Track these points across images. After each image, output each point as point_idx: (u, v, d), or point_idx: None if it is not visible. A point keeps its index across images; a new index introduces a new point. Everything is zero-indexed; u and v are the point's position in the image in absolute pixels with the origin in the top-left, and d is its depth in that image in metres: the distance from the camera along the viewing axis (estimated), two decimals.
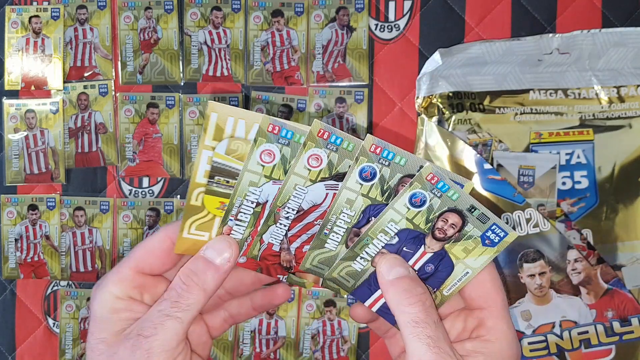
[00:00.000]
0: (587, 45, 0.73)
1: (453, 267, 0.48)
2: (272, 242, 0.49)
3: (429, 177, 0.46)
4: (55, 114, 0.77)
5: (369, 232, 0.47)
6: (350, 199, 0.47)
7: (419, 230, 0.47)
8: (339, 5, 0.76)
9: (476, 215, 0.46)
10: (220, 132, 0.46)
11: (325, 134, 0.46)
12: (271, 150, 0.46)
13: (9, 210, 0.78)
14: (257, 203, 0.47)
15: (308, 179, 0.47)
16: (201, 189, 0.47)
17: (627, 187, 0.72)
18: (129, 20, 0.77)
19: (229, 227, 0.48)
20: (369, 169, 0.46)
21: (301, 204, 0.48)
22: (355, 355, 0.76)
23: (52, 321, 0.78)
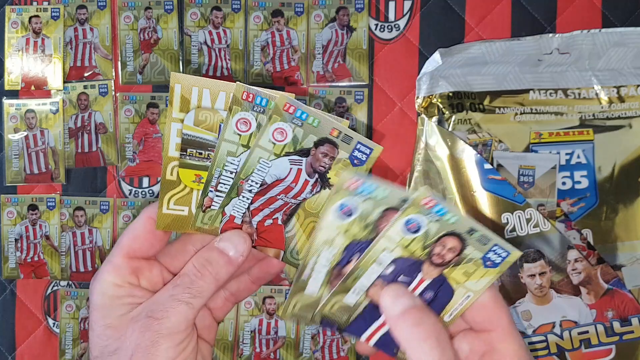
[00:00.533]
0: (587, 45, 0.73)
1: (453, 292, 0.46)
2: (234, 214, 0.48)
3: (424, 201, 0.44)
4: (55, 114, 0.77)
5: (361, 264, 0.45)
6: (329, 239, 0.45)
7: (415, 258, 0.45)
8: (339, 5, 0.76)
9: (476, 238, 0.44)
10: (186, 103, 0.46)
11: (291, 108, 0.45)
12: (247, 119, 0.46)
13: (9, 210, 0.78)
14: (235, 173, 0.47)
15: (272, 152, 0.46)
16: (175, 162, 0.47)
17: (627, 187, 0.72)
18: (129, 20, 0.77)
19: (210, 198, 0.47)
20: (348, 204, 0.45)
21: (265, 177, 0.47)
22: (355, 355, 0.76)
23: (52, 321, 0.78)
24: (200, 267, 0.46)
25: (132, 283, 0.47)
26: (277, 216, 0.49)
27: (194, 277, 0.46)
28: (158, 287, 0.48)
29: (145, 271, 0.48)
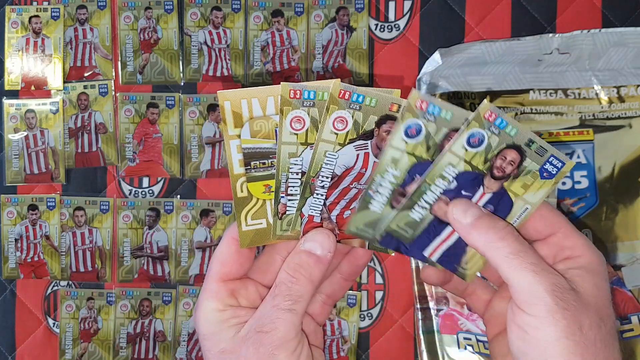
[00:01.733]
0: (587, 45, 0.73)
1: (512, 204, 0.47)
2: (312, 214, 0.48)
3: (486, 114, 0.45)
4: (55, 114, 0.77)
5: (426, 179, 0.46)
6: (395, 158, 0.46)
7: (477, 171, 0.46)
8: (339, 5, 0.76)
9: (534, 149, 0.45)
10: (238, 117, 0.45)
11: (347, 93, 0.45)
12: (300, 117, 0.45)
13: (9, 210, 0.78)
14: (301, 173, 0.46)
15: (336, 143, 0.46)
16: (242, 179, 0.47)
17: (627, 187, 0.72)
18: (129, 20, 0.77)
19: (283, 204, 0.47)
20: (414, 125, 0.45)
21: (334, 170, 0.46)
22: (355, 355, 0.76)
23: (52, 321, 0.78)
24: (293, 272, 0.47)
25: (233, 304, 0.48)
26: (354, 206, 0.48)
27: (289, 284, 0.47)
28: (257, 303, 0.48)
29: (241, 290, 0.49)
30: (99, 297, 0.77)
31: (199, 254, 0.77)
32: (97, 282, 0.78)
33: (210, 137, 0.77)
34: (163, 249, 0.77)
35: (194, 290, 0.77)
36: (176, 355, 0.77)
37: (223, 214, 0.77)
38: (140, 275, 0.77)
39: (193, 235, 0.77)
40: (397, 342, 0.76)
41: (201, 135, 0.77)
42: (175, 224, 0.77)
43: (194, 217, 0.77)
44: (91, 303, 0.77)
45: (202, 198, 0.77)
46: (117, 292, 0.77)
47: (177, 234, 0.77)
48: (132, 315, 0.77)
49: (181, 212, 0.77)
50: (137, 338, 0.77)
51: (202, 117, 0.77)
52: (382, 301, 0.76)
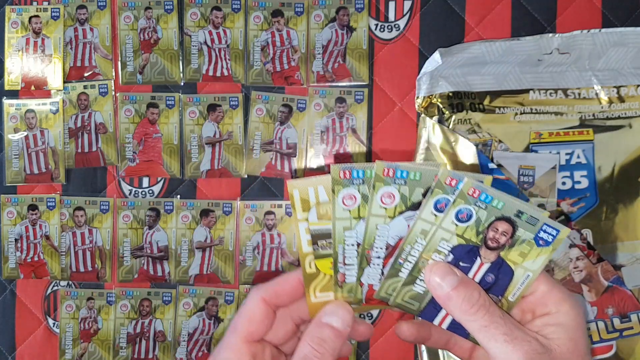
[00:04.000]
0: (587, 45, 0.73)
1: (513, 273, 0.49)
2: (371, 282, 0.51)
3: (470, 192, 0.47)
4: (55, 114, 0.77)
5: (423, 254, 0.49)
6: (425, 230, 0.49)
7: (472, 244, 0.48)
8: (339, 5, 0.76)
9: (525, 219, 0.47)
10: (306, 203, 0.50)
11: (390, 171, 0.49)
12: (351, 194, 0.49)
13: (9, 210, 0.78)
14: (357, 244, 0.50)
15: (386, 216, 0.49)
16: (310, 257, 0.51)
17: (627, 187, 0.72)
18: (129, 20, 0.77)
19: (342, 274, 0.51)
20: (443, 200, 0.48)
21: (387, 240, 0.50)
22: (355, 355, 0.76)
23: (52, 321, 0.78)
24: (317, 347, 0.48)
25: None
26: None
27: (315, 359, 0.48)
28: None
29: (259, 353, 0.50)
30: (99, 297, 0.77)
31: (198, 253, 0.77)
32: (97, 282, 0.78)
33: (210, 137, 0.77)
34: (163, 249, 0.77)
35: (194, 290, 0.77)
36: (176, 356, 0.77)
37: (223, 214, 0.77)
38: (140, 275, 0.77)
39: (193, 235, 0.77)
40: (397, 342, 0.76)
41: (201, 135, 0.77)
42: (175, 224, 0.77)
43: (194, 217, 0.77)
44: (91, 303, 0.77)
45: (202, 198, 0.77)
46: (117, 292, 0.77)
47: (177, 234, 0.77)
48: (132, 315, 0.77)
49: (181, 212, 0.77)
50: (137, 338, 0.77)
51: (202, 117, 0.77)
52: None
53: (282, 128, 0.76)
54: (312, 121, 0.76)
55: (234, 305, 0.77)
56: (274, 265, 0.77)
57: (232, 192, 0.77)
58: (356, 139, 0.76)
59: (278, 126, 0.77)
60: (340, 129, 0.76)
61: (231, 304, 0.77)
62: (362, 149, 0.76)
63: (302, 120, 0.76)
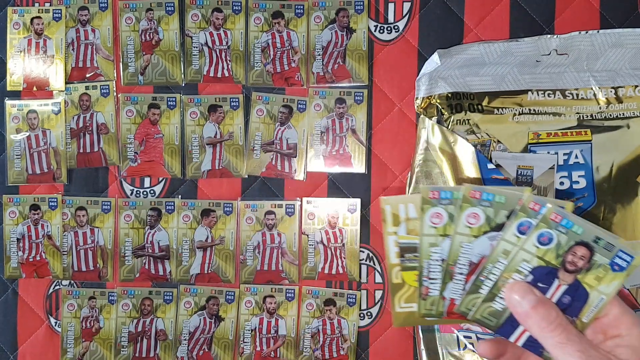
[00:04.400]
0: (585, 46, 0.73)
1: (588, 295, 0.52)
2: (453, 297, 0.54)
3: (552, 217, 0.51)
4: (57, 114, 0.78)
5: (504, 273, 0.53)
6: (507, 250, 0.53)
7: (551, 266, 0.52)
8: (339, 6, 0.76)
9: (602, 245, 0.51)
10: (396, 218, 0.54)
11: (477, 193, 0.53)
12: (439, 213, 0.54)
13: (11, 210, 0.78)
14: (441, 260, 0.54)
15: (471, 235, 0.53)
16: (397, 268, 0.55)
17: (625, 187, 0.73)
18: (130, 21, 0.77)
19: (425, 287, 0.54)
20: (526, 223, 0.52)
21: (470, 258, 0.54)
22: (355, 354, 0.77)
23: (54, 320, 0.78)
24: None
25: None
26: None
27: None
28: None
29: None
30: (101, 296, 0.78)
31: (199, 253, 0.77)
32: (99, 281, 0.78)
33: (211, 137, 0.77)
34: (164, 249, 0.77)
35: (195, 289, 0.77)
36: (177, 354, 0.77)
37: (224, 214, 0.77)
38: (142, 274, 0.78)
39: (194, 235, 0.77)
40: (396, 341, 0.76)
41: (202, 135, 0.77)
42: (177, 223, 0.77)
43: (195, 216, 0.77)
44: (93, 302, 0.78)
45: (203, 198, 0.78)
46: (119, 291, 0.78)
47: (178, 234, 0.77)
48: (134, 314, 0.78)
49: (182, 212, 0.77)
50: (138, 337, 0.78)
51: (203, 118, 0.77)
52: (382, 300, 0.76)
53: (283, 128, 0.77)
54: (312, 122, 0.77)
55: (235, 305, 0.77)
56: (274, 264, 0.77)
57: (232, 192, 0.78)
58: (356, 139, 0.76)
59: (278, 127, 0.77)
60: (340, 129, 0.77)
61: (232, 303, 0.77)
62: (361, 149, 0.76)
63: (302, 120, 0.77)
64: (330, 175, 0.77)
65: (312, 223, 0.77)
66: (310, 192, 0.77)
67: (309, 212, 0.77)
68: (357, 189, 0.77)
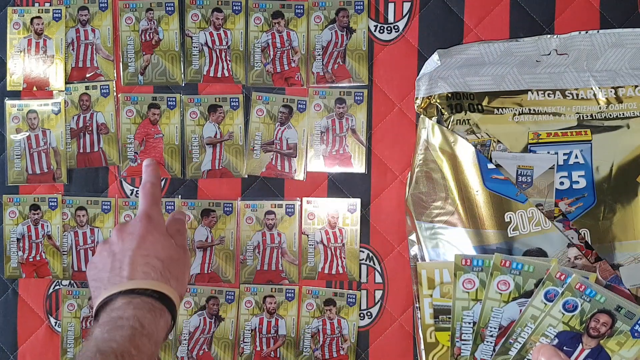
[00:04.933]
0: (585, 46, 0.73)
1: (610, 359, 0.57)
2: (484, 358, 0.59)
3: (577, 286, 0.56)
4: (57, 114, 0.78)
5: (532, 337, 0.57)
6: (535, 316, 0.57)
7: (576, 331, 0.56)
8: (339, 6, 0.76)
9: (623, 313, 0.56)
10: (431, 282, 0.60)
11: (507, 262, 0.58)
12: (471, 279, 0.58)
13: (11, 210, 0.78)
14: (473, 322, 0.59)
15: (501, 300, 0.58)
16: (431, 328, 0.60)
17: (624, 187, 0.73)
18: (130, 21, 0.77)
19: (458, 347, 0.59)
20: (553, 291, 0.57)
21: (500, 322, 0.58)
22: (355, 354, 0.77)
23: (54, 320, 0.78)
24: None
25: None
26: None
27: None
28: None
29: None
30: None
31: (199, 253, 0.77)
32: None
33: (211, 137, 0.77)
34: None
35: (195, 289, 0.77)
36: (177, 354, 0.77)
37: (223, 214, 0.77)
38: None
39: (194, 235, 0.77)
40: (396, 340, 0.76)
41: (202, 135, 0.77)
42: None
43: (195, 216, 0.77)
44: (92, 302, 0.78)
45: (203, 198, 0.78)
46: None
47: None
48: None
49: (181, 209, 0.77)
50: None
51: (203, 118, 0.77)
52: (382, 300, 0.76)
53: (283, 128, 0.77)
54: (312, 122, 0.77)
55: (235, 304, 0.77)
56: (274, 264, 0.77)
57: (232, 192, 0.78)
58: (356, 139, 0.76)
59: (278, 127, 0.77)
60: (340, 129, 0.77)
61: (232, 302, 0.77)
62: (361, 149, 0.76)
63: (302, 120, 0.77)
64: (330, 175, 0.77)
65: (312, 223, 0.77)
66: (310, 192, 0.77)
67: (309, 212, 0.77)
68: (357, 189, 0.77)
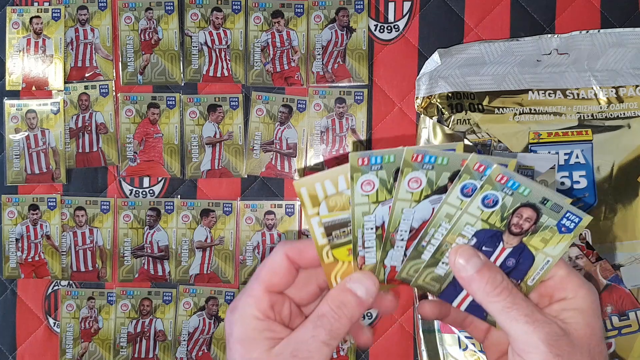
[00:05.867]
0: (586, 46, 0.73)
1: (534, 258, 0.50)
2: (394, 264, 0.52)
3: (498, 178, 0.48)
4: (56, 114, 0.77)
5: (447, 238, 0.50)
6: (450, 214, 0.50)
7: (496, 229, 0.49)
8: (339, 6, 0.76)
9: (549, 206, 0.48)
10: (315, 199, 0.51)
11: (419, 157, 0.49)
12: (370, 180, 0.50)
13: (9, 210, 0.78)
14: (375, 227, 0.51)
15: (412, 200, 0.50)
16: (326, 248, 0.52)
17: (625, 187, 0.73)
18: (129, 21, 0.77)
19: (362, 256, 0.51)
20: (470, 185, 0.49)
21: (411, 223, 0.51)
22: (354, 355, 0.76)
23: (52, 321, 0.78)
24: (337, 310, 0.49)
25: (270, 317, 0.49)
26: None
27: (332, 320, 0.48)
28: (287, 321, 0.50)
29: (278, 305, 0.50)
30: (100, 296, 0.78)
31: (199, 253, 0.77)
32: (98, 281, 0.78)
33: (211, 137, 0.77)
34: (163, 249, 0.77)
35: (194, 289, 0.77)
36: (176, 355, 0.77)
37: (223, 214, 0.77)
38: (141, 274, 0.77)
39: (193, 235, 0.77)
40: (396, 341, 0.76)
41: (201, 135, 0.77)
42: (176, 223, 0.77)
43: (194, 217, 0.77)
44: (92, 302, 0.78)
45: (203, 198, 0.77)
46: (118, 291, 0.78)
47: (178, 234, 0.77)
48: (133, 314, 0.77)
49: (181, 212, 0.77)
50: (137, 337, 0.78)
51: (203, 118, 0.77)
52: None
53: (282, 128, 0.77)
54: (312, 121, 0.77)
55: None
56: None
57: (232, 192, 0.77)
58: (356, 139, 0.76)
59: (278, 126, 0.77)
60: (340, 129, 0.76)
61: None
62: (361, 149, 0.76)
63: (302, 120, 0.77)
64: None
65: None
66: None
67: None
68: None
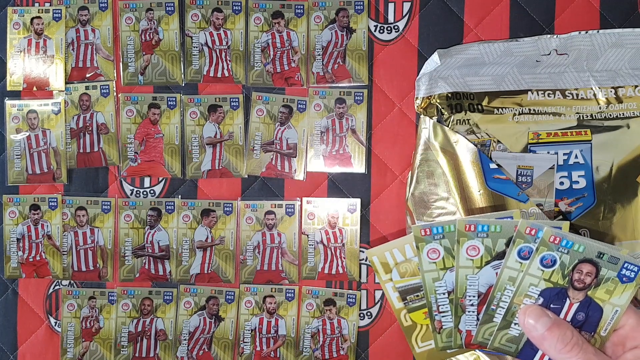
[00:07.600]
0: (585, 46, 0.73)
1: (602, 310, 0.53)
2: (469, 329, 0.55)
3: (551, 239, 0.52)
4: (57, 114, 0.78)
5: (514, 299, 0.53)
6: (512, 277, 0.53)
7: (560, 286, 0.53)
8: (339, 6, 0.76)
9: (606, 259, 0.52)
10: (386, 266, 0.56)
11: (472, 226, 0.54)
12: (435, 248, 0.55)
13: (11, 210, 0.78)
14: (447, 292, 0.55)
15: (474, 267, 0.54)
16: (404, 311, 0.57)
17: (624, 187, 0.73)
18: (130, 21, 0.77)
19: (438, 321, 0.56)
20: (526, 249, 0.53)
21: (478, 289, 0.55)
22: (354, 354, 0.77)
23: (53, 320, 0.78)
24: None
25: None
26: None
27: None
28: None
29: None
30: (101, 296, 0.78)
31: (199, 253, 0.77)
32: (99, 281, 0.78)
33: (211, 137, 0.77)
34: (164, 249, 0.78)
35: (195, 289, 0.77)
36: (177, 354, 0.77)
37: (223, 214, 0.77)
38: (142, 274, 0.78)
39: (194, 235, 0.77)
40: (396, 341, 0.76)
41: (202, 135, 0.77)
42: (177, 223, 0.77)
43: (195, 216, 0.77)
44: (93, 302, 0.78)
45: (203, 198, 0.78)
46: (119, 291, 0.78)
47: (178, 234, 0.77)
48: (134, 314, 0.78)
49: (182, 211, 0.77)
50: (138, 337, 0.78)
51: (203, 118, 0.77)
52: (382, 300, 0.76)
53: (283, 128, 0.77)
54: (312, 122, 0.77)
55: (235, 304, 0.77)
56: (274, 264, 0.77)
57: (232, 192, 0.78)
58: (356, 139, 0.76)
59: (278, 127, 0.77)
60: (340, 129, 0.77)
61: (232, 303, 0.77)
62: (361, 149, 0.76)
63: (302, 120, 0.77)
64: (330, 175, 0.77)
65: (312, 223, 0.77)
66: (310, 192, 0.77)
67: (309, 212, 0.77)
68: (357, 189, 0.77)
